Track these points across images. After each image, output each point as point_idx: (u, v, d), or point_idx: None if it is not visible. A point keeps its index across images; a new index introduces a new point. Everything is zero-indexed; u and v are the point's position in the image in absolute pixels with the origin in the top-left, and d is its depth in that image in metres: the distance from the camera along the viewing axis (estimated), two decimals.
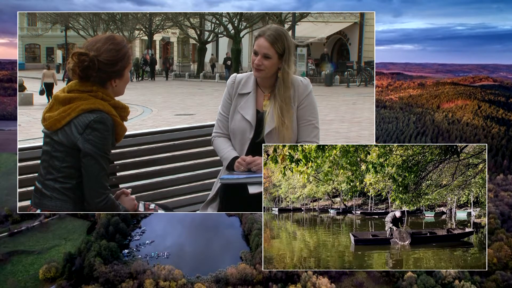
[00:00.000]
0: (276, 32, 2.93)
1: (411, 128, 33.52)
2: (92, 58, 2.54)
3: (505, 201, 22.90)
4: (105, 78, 2.61)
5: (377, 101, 35.40)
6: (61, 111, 2.56)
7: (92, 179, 2.56)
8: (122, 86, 2.70)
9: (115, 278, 16.31)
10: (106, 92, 2.63)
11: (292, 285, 16.29)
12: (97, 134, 2.53)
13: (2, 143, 26.35)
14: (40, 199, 2.65)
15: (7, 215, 20.62)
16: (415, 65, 47.35)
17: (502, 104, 35.03)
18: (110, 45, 2.59)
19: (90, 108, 2.55)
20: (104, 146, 2.56)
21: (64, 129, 2.55)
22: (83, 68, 2.55)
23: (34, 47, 33.89)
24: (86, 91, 2.59)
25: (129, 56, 2.67)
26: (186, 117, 14.31)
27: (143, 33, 31.00)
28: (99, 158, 2.55)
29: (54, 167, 2.59)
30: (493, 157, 29.58)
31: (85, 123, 2.52)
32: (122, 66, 2.63)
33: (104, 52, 2.57)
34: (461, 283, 16.26)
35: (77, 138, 2.52)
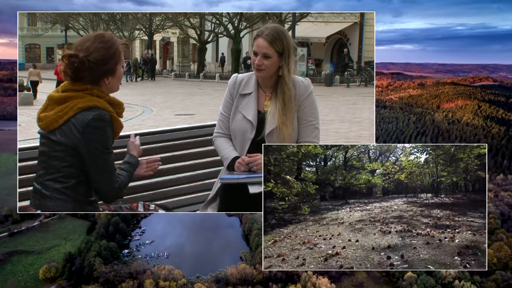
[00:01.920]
0: (274, 31, 2.93)
1: (411, 128, 33.54)
2: (82, 59, 2.52)
3: (505, 201, 22.91)
4: (98, 77, 2.60)
5: (377, 101, 35.41)
6: (57, 110, 2.54)
7: (101, 173, 2.59)
8: (116, 82, 2.68)
9: (115, 278, 16.31)
10: (100, 89, 2.62)
11: (292, 285, 16.29)
12: (98, 132, 2.53)
13: (2, 143, 26.35)
14: (39, 200, 2.64)
15: (7, 215, 20.63)
16: (415, 65, 47.40)
17: (502, 104, 35.04)
18: (99, 43, 2.56)
19: (87, 105, 2.54)
20: (107, 142, 2.57)
21: (62, 129, 2.53)
22: (74, 69, 2.54)
23: (34, 47, 33.87)
24: (81, 89, 2.58)
25: (120, 53, 2.64)
26: (186, 117, 14.31)
27: (143, 33, 30.99)
28: (104, 154, 2.57)
29: (53, 167, 2.58)
30: (493, 157, 29.59)
31: (85, 122, 2.51)
32: (114, 63, 2.61)
33: (93, 51, 2.55)
34: (461, 283, 16.26)
35: (78, 138, 2.52)
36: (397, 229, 3.17)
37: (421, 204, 3.81)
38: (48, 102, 2.61)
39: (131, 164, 2.85)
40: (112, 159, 2.62)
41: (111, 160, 2.62)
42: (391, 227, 3.24)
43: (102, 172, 2.58)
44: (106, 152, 2.57)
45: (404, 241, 2.96)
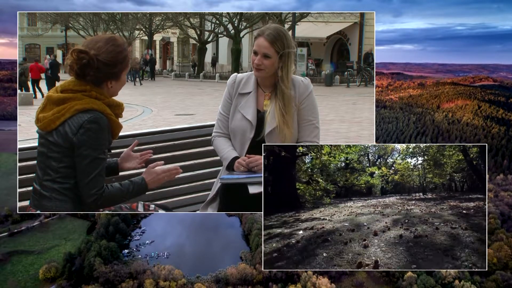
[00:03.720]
0: (275, 31, 2.92)
1: (411, 128, 33.52)
2: (92, 56, 2.53)
3: (505, 201, 22.89)
4: (102, 78, 2.59)
5: (377, 101, 35.40)
6: (55, 112, 2.54)
7: (84, 176, 2.54)
8: (118, 88, 2.68)
9: (115, 278, 16.31)
10: (100, 91, 2.61)
11: (292, 285, 16.28)
12: (91, 134, 2.51)
13: (2, 143, 26.34)
14: (39, 201, 2.64)
15: (7, 215, 20.63)
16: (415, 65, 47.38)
17: (502, 104, 35.02)
18: (111, 46, 2.57)
19: (84, 108, 2.53)
20: (98, 146, 2.54)
21: (59, 130, 2.53)
22: (81, 65, 2.53)
23: (34, 47, 33.86)
24: (79, 90, 2.57)
25: (128, 60, 2.65)
26: (186, 117, 14.31)
27: (143, 33, 31.00)
28: (92, 158, 2.53)
29: (51, 167, 2.58)
30: (493, 157, 29.57)
31: (79, 124, 2.50)
32: (121, 68, 2.62)
33: (104, 52, 2.55)
34: (461, 283, 16.25)
35: (71, 138, 2.51)
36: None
37: (410, 201, 4.14)
38: (47, 102, 2.61)
39: (132, 182, 2.74)
40: (99, 167, 2.55)
41: (97, 166, 2.54)
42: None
43: (86, 175, 2.53)
44: (94, 156, 2.52)
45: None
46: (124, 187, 2.69)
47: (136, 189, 2.72)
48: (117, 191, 2.66)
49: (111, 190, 2.64)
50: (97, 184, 2.56)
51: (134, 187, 2.72)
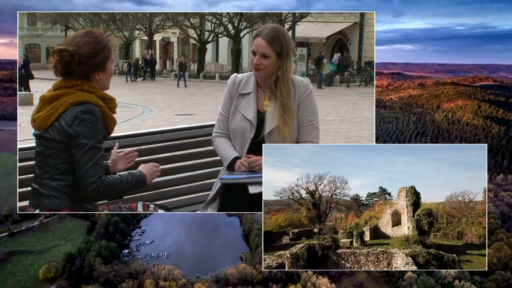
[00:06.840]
0: (273, 31, 2.92)
1: (411, 128, 33.51)
2: (72, 52, 2.55)
3: (505, 201, 22.90)
4: (88, 71, 2.62)
5: (377, 101, 35.39)
6: (49, 109, 2.57)
7: (82, 169, 2.55)
8: (106, 79, 2.71)
9: (115, 278, 16.31)
10: (91, 85, 2.64)
11: (292, 285, 16.29)
12: (86, 124, 2.53)
13: (2, 143, 26.34)
14: (38, 200, 2.65)
15: (7, 215, 20.63)
16: (415, 65, 47.35)
17: (502, 104, 35.01)
18: (88, 38, 2.60)
19: (77, 101, 2.56)
20: (94, 136, 2.56)
21: (55, 125, 2.55)
22: (64, 64, 2.56)
23: (34, 47, 33.86)
24: (72, 86, 2.60)
25: (109, 48, 2.66)
26: (186, 117, 14.31)
27: (143, 33, 30.98)
28: (89, 147, 2.54)
29: (49, 165, 2.59)
30: (493, 157, 29.57)
31: (74, 115, 2.53)
32: (103, 58, 2.64)
33: (83, 45, 2.58)
34: (461, 283, 16.26)
35: (67, 130, 2.53)
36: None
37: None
38: (41, 103, 2.63)
39: (131, 173, 2.79)
40: (96, 155, 2.57)
41: (94, 154, 2.56)
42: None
43: (84, 164, 2.54)
44: (90, 145, 2.54)
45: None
46: (123, 177, 2.74)
47: (135, 180, 2.78)
48: (117, 180, 2.70)
49: (111, 179, 2.67)
50: (96, 172, 2.58)
51: (133, 177, 2.77)
